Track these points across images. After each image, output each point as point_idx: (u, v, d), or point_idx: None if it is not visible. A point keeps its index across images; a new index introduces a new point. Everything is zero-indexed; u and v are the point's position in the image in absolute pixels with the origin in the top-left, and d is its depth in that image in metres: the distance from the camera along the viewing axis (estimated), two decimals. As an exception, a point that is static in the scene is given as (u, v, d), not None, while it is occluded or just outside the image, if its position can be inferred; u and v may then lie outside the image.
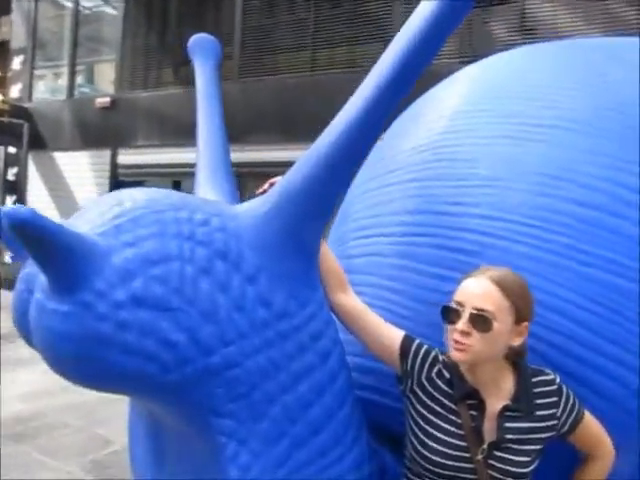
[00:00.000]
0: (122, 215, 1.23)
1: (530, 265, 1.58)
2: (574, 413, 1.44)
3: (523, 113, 1.79)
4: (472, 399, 1.41)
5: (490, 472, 1.35)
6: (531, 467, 1.38)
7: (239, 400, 1.26)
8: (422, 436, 1.42)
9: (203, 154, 1.82)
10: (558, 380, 1.45)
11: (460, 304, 1.38)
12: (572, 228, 1.60)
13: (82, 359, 1.14)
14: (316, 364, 1.39)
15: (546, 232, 1.61)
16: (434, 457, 1.38)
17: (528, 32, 6.11)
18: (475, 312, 1.35)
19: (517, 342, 1.39)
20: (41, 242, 1.07)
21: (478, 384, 1.41)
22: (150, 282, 1.17)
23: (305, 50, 8.05)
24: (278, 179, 1.47)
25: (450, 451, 1.37)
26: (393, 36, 1.39)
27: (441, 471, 1.37)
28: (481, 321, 1.34)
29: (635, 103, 1.72)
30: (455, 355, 1.37)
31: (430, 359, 1.48)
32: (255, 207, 1.39)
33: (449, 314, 1.39)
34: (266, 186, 1.49)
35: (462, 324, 1.35)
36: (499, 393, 1.41)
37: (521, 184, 1.68)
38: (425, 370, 1.46)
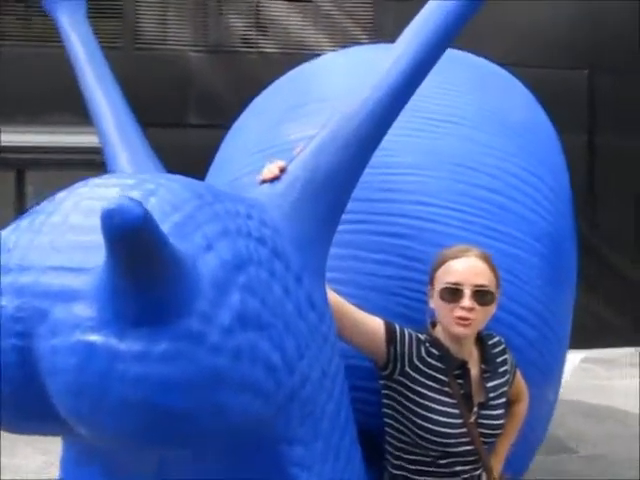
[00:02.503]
0: (173, 209, 0.91)
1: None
2: (514, 365, 1.67)
3: (427, 109, 1.94)
4: (457, 369, 1.52)
5: (480, 430, 1.50)
6: (504, 418, 1.57)
7: (307, 421, 1.09)
8: (424, 412, 1.47)
9: (115, 133, 1.45)
10: (503, 340, 1.66)
11: (459, 284, 1.46)
12: (486, 211, 1.83)
13: (194, 412, 0.81)
14: (341, 364, 1.29)
15: (469, 215, 1.81)
16: (439, 428, 1.45)
17: (262, 28, 6.39)
18: (477, 289, 1.46)
19: (494, 309, 1.55)
20: (151, 256, 0.73)
21: (463, 355, 1.53)
22: (244, 294, 0.90)
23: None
24: (283, 163, 1.30)
25: (449, 419, 1.47)
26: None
27: (446, 440, 1.46)
28: (484, 296, 1.47)
29: (509, 108, 2.06)
30: (459, 330, 1.47)
31: (415, 340, 1.53)
32: (277, 196, 1.20)
33: (450, 294, 1.47)
34: (277, 172, 1.28)
35: (467, 301, 1.45)
36: (472, 360, 1.56)
37: (442, 172, 1.84)
38: (414, 351, 1.52)
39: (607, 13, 6.70)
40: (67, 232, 0.89)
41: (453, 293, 1.47)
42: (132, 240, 0.70)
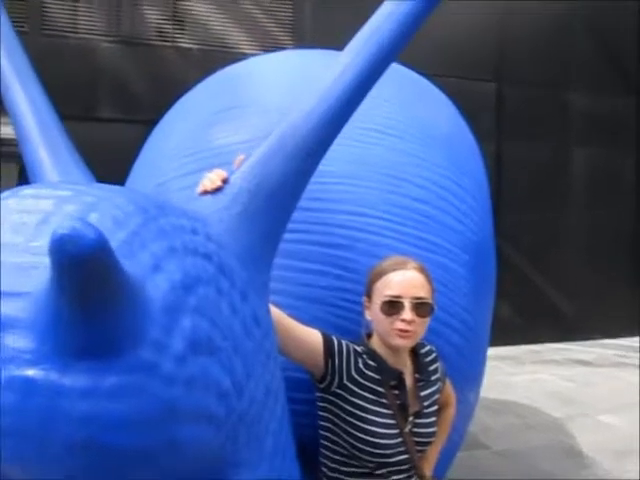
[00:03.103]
0: (117, 226, 0.84)
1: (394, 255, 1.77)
2: (444, 373, 1.72)
3: (358, 119, 1.93)
4: (394, 380, 1.53)
5: (415, 439, 1.52)
6: (436, 425, 1.61)
7: (252, 443, 1.04)
8: (362, 424, 1.47)
9: (36, 131, 1.32)
10: (434, 349, 1.69)
11: (399, 297, 1.47)
12: (416, 221, 1.86)
13: (148, 449, 0.74)
14: (281, 380, 1.26)
15: (401, 226, 1.83)
16: (377, 440, 1.46)
17: (178, 22, 6.18)
18: (417, 301, 1.48)
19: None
20: (104, 282, 0.66)
21: (399, 366, 1.55)
22: (194, 317, 0.84)
23: None
24: (225, 174, 1.24)
25: (386, 430, 1.48)
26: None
27: (383, 451, 1.47)
28: (423, 308, 1.49)
29: (435, 119, 2.10)
30: (400, 342, 1.49)
31: (352, 352, 1.52)
32: (221, 209, 1.14)
33: (390, 307, 1.48)
34: (219, 182, 1.22)
35: (408, 314, 1.46)
36: (407, 370, 1.59)
37: (373, 182, 1.85)
38: (352, 363, 1.51)
39: (514, 27, 7.11)
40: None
41: (393, 306, 1.48)
42: (86, 267, 0.63)
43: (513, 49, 7.15)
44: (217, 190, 1.22)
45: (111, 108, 5.91)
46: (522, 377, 5.83)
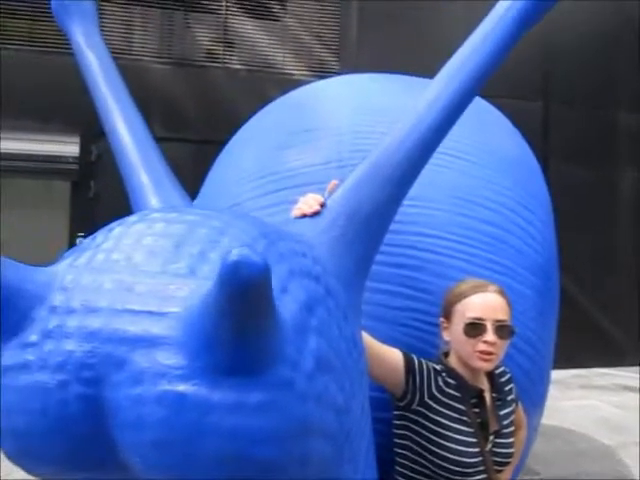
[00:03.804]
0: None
1: (464, 277, 1.79)
2: (517, 394, 1.72)
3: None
4: (474, 398, 1.55)
5: (494, 459, 1.53)
6: (514, 447, 1.61)
7: (353, 460, 1.07)
8: (443, 441, 1.49)
9: (135, 154, 1.40)
10: (508, 370, 1.70)
11: (482, 319, 1.50)
12: (486, 243, 1.88)
13: (284, 463, 0.77)
14: (367, 394, 1.28)
15: (470, 247, 1.85)
16: (458, 457, 1.47)
17: (229, 45, 6.36)
18: (498, 324, 1.51)
19: None
20: (264, 309, 0.70)
21: (476, 384, 1.57)
22: (317, 337, 0.88)
23: None
24: (322, 198, 1.28)
25: (468, 449, 1.49)
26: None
27: (464, 470, 1.48)
28: (505, 330, 1.52)
29: (502, 143, 2.13)
30: (482, 365, 1.51)
31: (432, 370, 1.55)
32: (320, 231, 1.18)
33: (473, 329, 1.50)
34: (317, 207, 1.27)
35: (491, 336, 1.49)
36: (484, 388, 1.59)
37: (443, 205, 1.88)
38: (433, 381, 1.53)
39: (560, 43, 7.07)
40: (136, 274, 0.85)
41: (476, 328, 1.50)
42: (253, 294, 0.67)
43: (560, 67, 7.11)
44: (315, 214, 1.26)
45: (162, 127, 6.08)
46: (570, 402, 5.70)
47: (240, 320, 0.70)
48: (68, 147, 6.27)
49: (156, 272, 0.85)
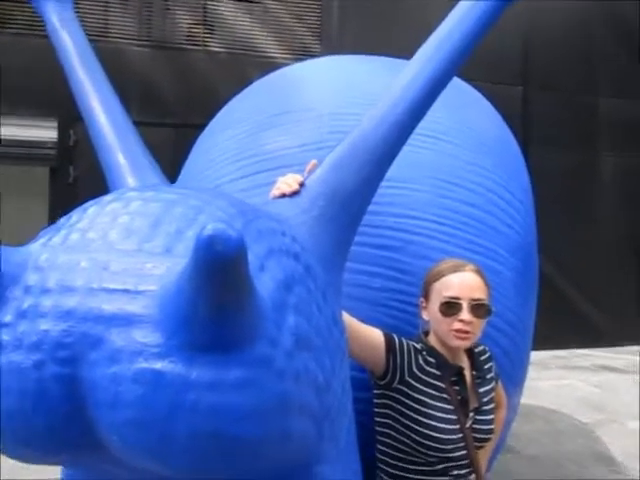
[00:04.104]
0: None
1: (444, 258, 1.80)
2: (497, 373, 1.74)
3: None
4: (454, 376, 1.57)
5: (474, 435, 1.55)
6: (494, 423, 1.64)
7: (333, 438, 1.08)
8: (424, 419, 1.50)
9: (112, 136, 1.38)
10: (487, 349, 1.72)
11: (457, 298, 1.51)
12: (467, 225, 1.89)
13: (263, 440, 0.77)
14: (348, 373, 1.29)
15: (451, 229, 1.86)
16: (439, 434, 1.49)
17: (209, 27, 6.27)
18: (475, 303, 1.52)
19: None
20: (240, 284, 0.69)
21: (456, 362, 1.58)
22: (295, 315, 0.88)
23: None
24: (301, 178, 1.28)
25: (448, 425, 1.51)
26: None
27: (445, 446, 1.50)
28: (481, 309, 1.53)
29: (483, 125, 2.14)
30: (458, 343, 1.53)
31: (412, 349, 1.56)
32: (300, 211, 1.18)
33: (449, 308, 1.51)
34: (296, 186, 1.26)
35: (466, 315, 1.50)
36: (465, 367, 1.61)
37: (424, 186, 1.88)
38: (413, 360, 1.55)
39: (541, 29, 7.09)
40: (112, 252, 0.84)
41: (452, 307, 1.51)
42: (229, 267, 0.67)
43: (540, 52, 7.13)
44: (294, 193, 1.26)
45: (141, 111, 5.99)
46: (549, 382, 5.81)
47: (216, 296, 0.70)
48: (46, 132, 6.16)
49: (132, 251, 0.84)
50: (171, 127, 5.87)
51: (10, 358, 0.79)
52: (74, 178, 6.17)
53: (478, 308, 1.52)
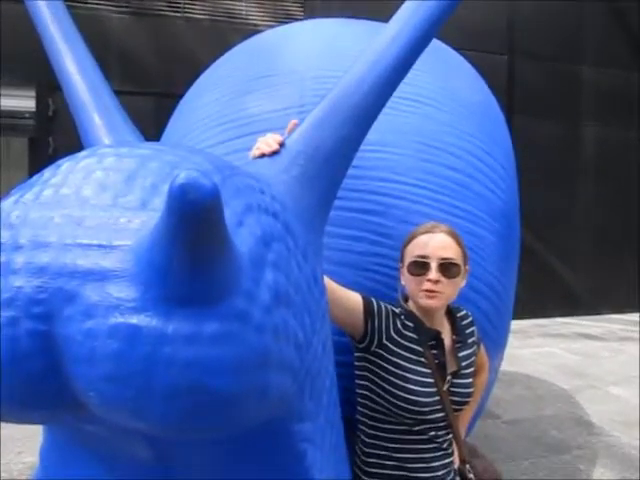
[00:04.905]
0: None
1: (427, 222, 1.80)
2: (479, 338, 1.76)
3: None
4: (432, 340, 1.58)
5: (452, 398, 1.57)
6: (473, 387, 1.66)
7: (314, 396, 1.09)
8: (401, 382, 1.52)
9: (89, 97, 1.34)
10: (470, 314, 1.73)
11: (426, 257, 1.52)
12: (449, 189, 1.89)
13: (241, 394, 0.77)
14: (329, 333, 1.30)
15: (434, 193, 1.86)
16: (415, 397, 1.51)
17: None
18: (443, 261, 1.52)
19: (463, 283, 1.62)
20: (215, 235, 0.68)
21: (435, 326, 1.60)
22: (274, 271, 0.87)
23: None
24: (281, 138, 1.26)
25: (425, 389, 1.53)
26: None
27: (421, 409, 1.51)
28: (450, 268, 1.53)
29: (466, 89, 2.12)
30: (427, 302, 1.53)
31: (391, 313, 1.57)
32: (280, 170, 1.16)
33: (417, 268, 1.53)
34: (276, 146, 1.24)
35: (434, 274, 1.51)
36: (444, 331, 1.63)
37: (406, 150, 1.87)
38: (391, 324, 1.56)
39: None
40: (86, 207, 0.82)
41: (420, 266, 1.52)
42: (203, 216, 0.65)
43: (525, 20, 7.08)
44: (274, 153, 1.24)
45: (122, 80, 5.87)
46: (530, 350, 5.92)
47: (191, 247, 0.69)
48: (23, 101, 6.02)
49: (106, 205, 0.83)
50: (152, 95, 5.77)
51: (-17, 315, 0.77)
52: (54, 149, 6.06)
53: (447, 267, 1.52)
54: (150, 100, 5.68)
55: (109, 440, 1.05)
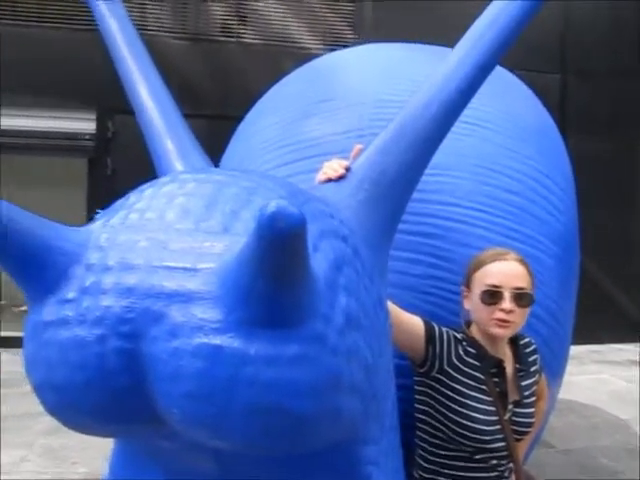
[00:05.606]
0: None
1: (486, 245, 1.78)
2: (540, 365, 1.72)
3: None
4: (494, 368, 1.56)
5: (513, 427, 1.54)
6: (534, 416, 1.62)
7: (379, 419, 1.09)
8: (462, 409, 1.50)
9: (160, 122, 1.41)
10: (533, 341, 1.71)
11: (499, 287, 1.50)
12: (508, 212, 1.88)
13: (316, 416, 0.79)
14: (391, 356, 1.30)
15: (493, 216, 1.85)
16: (476, 425, 1.49)
17: (243, 18, 6.31)
18: (517, 291, 1.50)
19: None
20: (299, 260, 0.71)
21: (497, 354, 1.58)
22: (346, 295, 0.89)
23: None
24: (347, 162, 1.29)
25: (486, 417, 1.50)
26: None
27: (482, 437, 1.49)
28: (523, 298, 1.51)
29: (524, 112, 2.11)
30: (498, 331, 1.51)
31: (453, 339, 1.56)
32: (347, 196, 1.19)
33: (489, 297, 1.51)
34: (342, 171, 1.27)
35: (508, 304, 1.49)
36: (506, 359, 1.60)
37: (465, 173, 1.87)
38: (452, 349, 1.54)
39: (579, 12, 6.92)
40: (170, 232, 0.86)
41: (493, 295, 1.50)
42: (291, 244, 0.68)
43: (577, 38, 6.97)
44: (340, 178, 1.27)
45: (177, 103, 6.07)
46: (585, 377, 5.72)
47: (276, 273, 0.72)
48: (85, 124, 6.29)
49: (189, 230, 0.87)
50: (206, 118, 5.92)
51: (74, 332, 0.82)
52: (112, 169, 6.29)
53: (520, 297, 1.51)
54: (204, 122, 5.84)
55: (177, 454, 1.09)
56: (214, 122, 5.68)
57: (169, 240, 0.85)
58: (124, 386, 0.82)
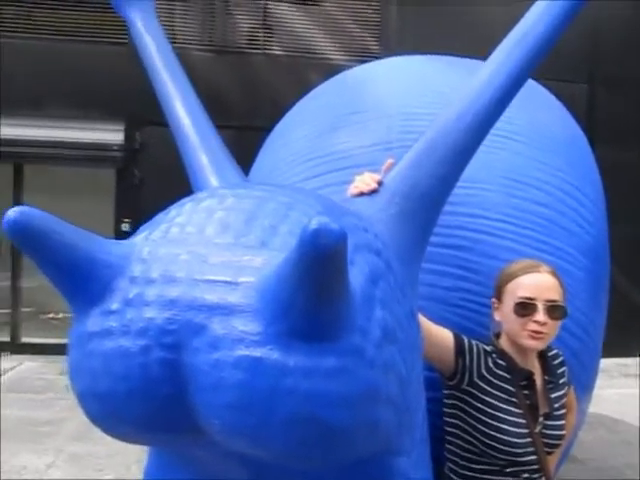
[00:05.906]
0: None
1: (514, 257, 1.78)
2: (569, 378, 1.71)
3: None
4: (524, 380, 1.55)
5: (544, 440, 1.53)
6: (565, 429, 1.61)
7: (411, 431, 1.10)
8: (493, 421, 1.50)
9: (194, 135, 1.45)
10: (561, 353, 1.70)
11: (533, 299, 1.50)
12: (537, 224, 1.87)
13: (353, 428, 0.81)
14: (422, 369, 1.31)
15: (521, 228, 1.84)
16: (507, 438, 1.49)
17: (269, 30, 6.40)
18: (550, 304, 1.50)
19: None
20: (339, 275, 0.73)
21: (527, 366, 1.57)
22: (382, 308, 0.91)
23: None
24: (379, 176, 1.30)
25: (517, 429, 1.50)
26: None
27: (514, 450, 1.49)
28: (556, 310, 1.51)
29: (553, 123, 2.11)
30: (531, 343, 1.51)
31: (482, 351, 1.56)
32: (379, 210, 1.21)
33: (523, 309, 1.50)
34: (374, 185, 1.29)
35: (541, 316, 1.49)
36: (536, 371, 1.60)
37: (494, 186, 1.87)
38: (482, 362, 1.54)
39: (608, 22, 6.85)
40: (210, 246, 0.89)
41: (526, 307, 1.50)
42: (332, 261, 0.70)
43: (605, 48, 6.90)
44: (373, 192, 1.28)
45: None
46: (613, 391, 5.61)
47: (317, 287, 0.74)
48: (113, 135, 6.42)
49: (229, 244, 0.90)
50: (233, 129, 6.00)
51: (119, 343, 0.85)
52: (139, 180, 6.41)
53: (553, 309, 1.51)
54: (230, 133, 5.93)
55: (211, 462, 1.11)
56: (241, 133, 5.77)
57: (209, 254, 0.88)
58: (166, 396, 0.85)
